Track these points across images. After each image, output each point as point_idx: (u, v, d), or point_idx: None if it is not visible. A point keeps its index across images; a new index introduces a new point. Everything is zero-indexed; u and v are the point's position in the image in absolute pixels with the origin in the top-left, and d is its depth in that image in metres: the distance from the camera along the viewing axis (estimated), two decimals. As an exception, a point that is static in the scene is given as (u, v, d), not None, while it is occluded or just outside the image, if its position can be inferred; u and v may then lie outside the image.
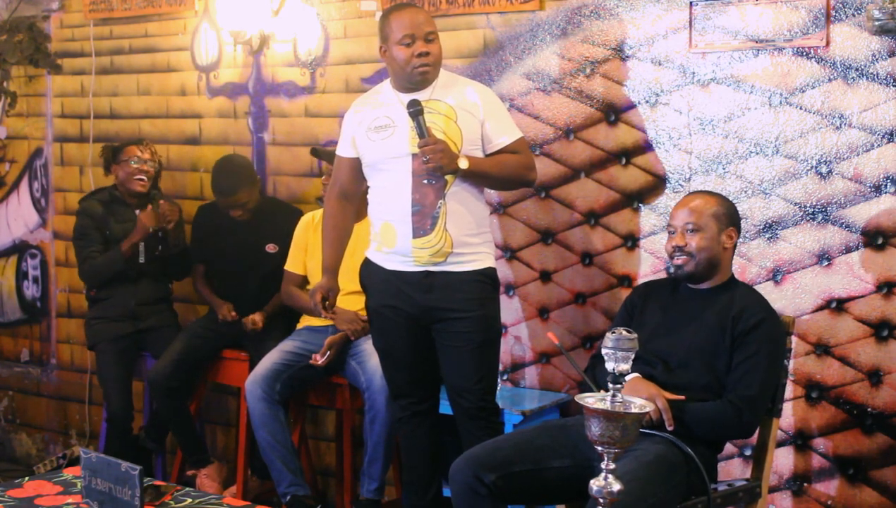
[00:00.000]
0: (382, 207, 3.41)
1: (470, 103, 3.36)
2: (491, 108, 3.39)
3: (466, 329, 3.34)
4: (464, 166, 3.25)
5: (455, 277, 3.34)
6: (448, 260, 3.33)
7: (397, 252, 3.37)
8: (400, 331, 3.42)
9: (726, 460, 3.57)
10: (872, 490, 3.40)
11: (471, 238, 3.36)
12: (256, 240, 4.31)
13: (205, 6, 4.69)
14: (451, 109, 3.33)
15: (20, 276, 5.47)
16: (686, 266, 3.04)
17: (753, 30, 3.46)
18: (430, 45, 3.32)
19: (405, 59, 3.31)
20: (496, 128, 3.38)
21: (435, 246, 3.32)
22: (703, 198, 3.08)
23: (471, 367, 3.36)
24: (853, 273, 3.37)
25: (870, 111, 3.31)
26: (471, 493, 2.83)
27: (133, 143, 4.51)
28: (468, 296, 3.34)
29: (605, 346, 2.17)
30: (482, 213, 3.43)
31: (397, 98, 3.37)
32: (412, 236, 3.32)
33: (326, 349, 3.92)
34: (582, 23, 3.79)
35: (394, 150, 3.34)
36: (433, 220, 3.30)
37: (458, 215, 3.32)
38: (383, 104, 3.41)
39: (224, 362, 4.34)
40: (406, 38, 3.30)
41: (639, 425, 2.17)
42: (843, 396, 3.42)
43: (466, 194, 3.34)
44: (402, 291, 3.37)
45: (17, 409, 5.56)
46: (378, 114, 3.39)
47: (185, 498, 2.94)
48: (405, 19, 3.32)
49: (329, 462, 4.50)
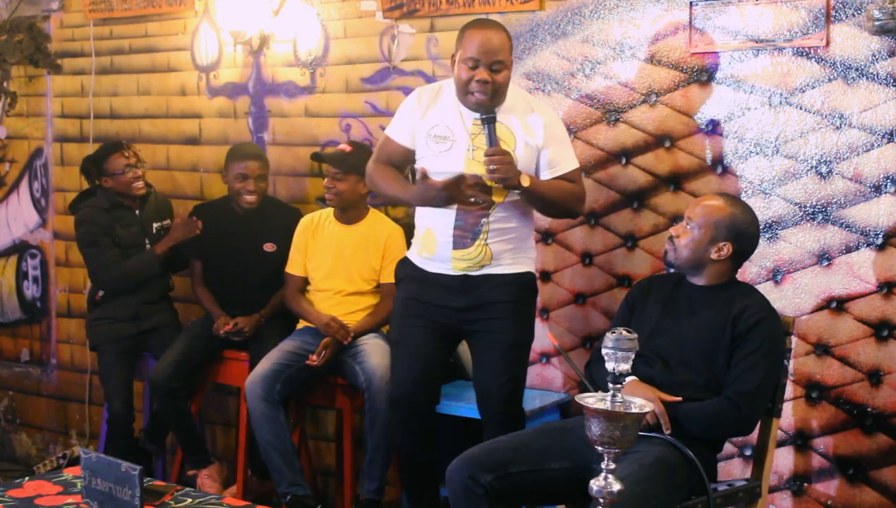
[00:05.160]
0: (427, 214, 3.41)
1: (531, 130, 3.33)
2: (552, 135, 3.36)
3: (499, 329, 3.35)
4: (525, 184, 3.24)
5: (493, 279, 3.36)
6: (485, 268, 3.36)
7: (436, 258, 3.39)
8: (422, 324, 3.42)
9: (726, 460, 3.57)
10: (872, 490, 3.40)
11: (511, 251, 3.37)
12: (254, 238, 4.31)
13: (205, 6, 4.69)
14: (510, 136, 3.31)
15: (20, 276, 5.47)
16: (669, 255, 3.09)
17: (753, 30, 3.46)
18: (494, 74, 3.24)
19: (464, 81, 3.26)
20: (555, 156, 3.36)
21: (474, 258, 3.35)
22: (719, 202, 3.05)
23: (499, 368, 3.36)
24: (853, 273, 3.37)
25: (870, 111, 3.31)
26: (467, 493, 2.83)
27: (114, 150, 4.43)
28: (504, 299, 3.35)
29: (604, 346, 2.17)
30: (526, 231, 3.43)
31: (459, 111, 3.35)
32: (452, 247, 3.35)
33: (321, 350, 3.92)
34: (582, 23, 3.79)
35: (449, 165, 3.31)
36: (474, 235, 3.32)
37: (501, 232, 3.34)
38: (445, 111, 3.37)
39: (224, 362, 4.34)
40: (470, 61, 3.24)
41: (638, 425, 2.17)
42: (843, 396, 3.42)
43: (512, 214, 3.34)
44: (437, 292, 3.39)
45: (17, 409, 5.56)
46: (439, 121, 3.36)
47: (185, 498, 2.95)
48: (476, 41, 3.23)
49: (329, 462, 4.50)
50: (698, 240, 3.01)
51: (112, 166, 4.40)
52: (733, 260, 3.04)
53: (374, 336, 3.99)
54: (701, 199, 3.09)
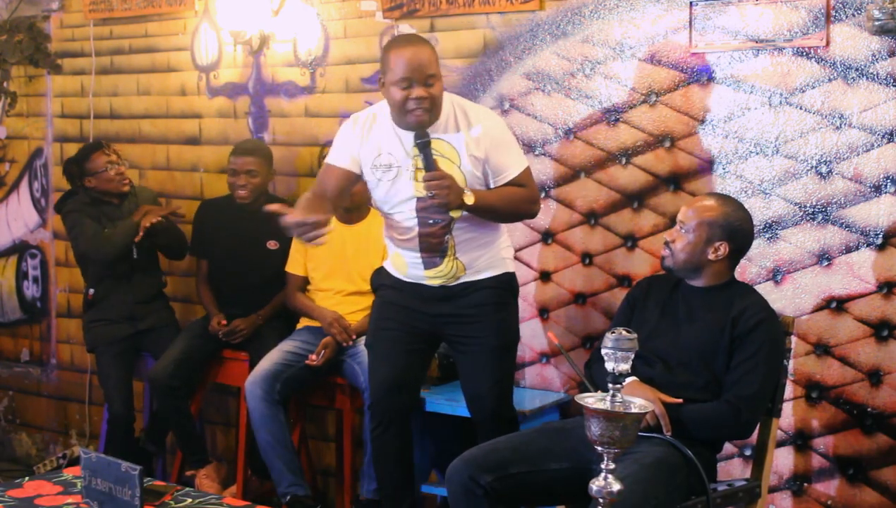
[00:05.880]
0: (392, 240, 3.41)
1: (473, 141, 3.25)
2: (496, 141, 3.28)
3: (481, 333, 3.33)
4: (469, 202, 3.19)
5: (471, 285, 3.34)
6: (461, 278, 3.34)
7: (410, 278, 3.39)
8: (398, 327, 3.40)
9: (726, 460, 3.57)
10: (872, 490, 3.40)
11: (483, 257, 3.35)
12: (258, 235, 4.31)
13: (205, 6, 4.69)
14: (453, 152, 3.25)
15: (20, 276, 5.47)
16: (666, 260, 3.08)
17: (753, 30, 3.46)
18: (429, 88, 3.16)
19: (401, 101, 3.17)
20: (502, 162, 3.29)
21: (447, 274, 3.33)
22: (711, 202, 3.04)
23: (485, 372, 3.34)
24: (853, 273, 3.37)
25: (870, 111, 3.31)
26: (467, 494, 2.82)
27: (94, 150, 4.45)
28: (483, 302, 3.33)
29: (604, 346, 2.17)
30: (492, 235, 3.38)
31: (398, 135, 3.28)
32: (423, 268, 3.34)
33: (321, 349, 3.92)
34: (582, 23, 3.79)
35: (399, 194, 3.29)
36: (442, 253, 3.30)
37: (467, 242, 3.31)
38: (385, 138, 3.29)
39: (224, 362, 4.34)
40: (403, 81, 3.15)
41: (638, 425, 2.17)
42: (843, 396, 3.42)
43: (473, 224, 3.30)
44: (415, 300, 3.37)
45: (17, 409, 5.56)
46: (381, 150, 3.29)
47: (185, 498, 2.94)
48: (404, 60, 3.15)
49: (329, 462, 4.50)
50: (694, 243, 3.01)
51: (94, 165, 4.42)
52: (731, 259, 3.04)
53: (374, 336, 3.99)
54: (691, 202, 3.08)
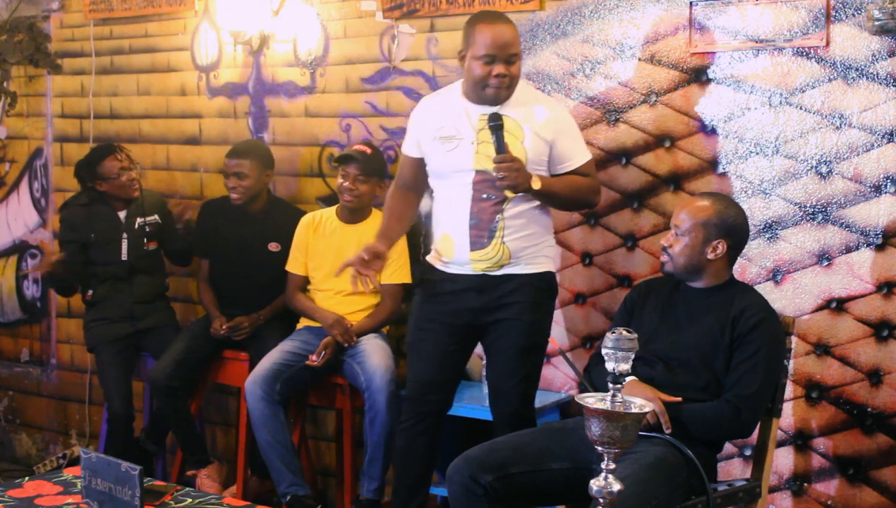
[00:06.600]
0: (442, 218, 3.41)
1: (540, 123, 3.29)
2: (562, 129, 3.32)
3: (515, 331, 3.32)
4: (536, 187, 3.20)
5: (511, 279, 3.33)
6: (504, 268, 3.34)
7: (455, 261, 3.37)
8: (438, 328, 3.39)
9: (726, 460, 3.57)
10: (872, 490, 3.40)
11: (529, 248, 3.34)
12: (260, 237, 4.32)
13: (205, 6, 4.69)
14: (518, 128, 3.27)
15: (20, 276, 5.47)
16: (667, 265, 3.08)
17: (753, 30, 3.46)
18: (510, 66, 3.22)
19: (481, 77, 3.22)
20: (566, 150, 3.32)
21: (492, 258, 3.31)
22: (702, 202, 3.04)
23: (513, 369, 3.34)
24: (853, 273, 3.37)
25: (870, 111, 3.31)
26: (467, 494, 2.83)
27: (107, 154, 4.44)
28: (520, 300, 3.32)
29: (604, 346, 2.17)
30: (543, 225, 3.39)
31: (465, 109, 3.32)
32: (470, 249, 3.32)
33: (321, 349, 3.92)
34: (582, 23, 3.79)
35: (457, 164, 3.31)
36: (490, 233, 3.29)
37: (517, 228, 3.31)
38: (451, 113, 3.34)
39: (224, 362, 4.34)
40: (486, 57, 3.20)
41: (638, 425, 2.17)
42: (843, 396, 3.42)
43: (527, 208, 3.32)
44: (454, 293, 3.37)
45: (17, 409, 5.56)
46: (445, 123, 3.34)
47: (185, 498, 2.95)
48: (490, 37, 3.20)
49: (329, 462, 4.50)
50: (692, 245, 3.00)
51: (106, 170, 4.42)
52: (729, 256, 3.04)
53: (374, 336, 4.00)
54: (683, 205, 3.07)
